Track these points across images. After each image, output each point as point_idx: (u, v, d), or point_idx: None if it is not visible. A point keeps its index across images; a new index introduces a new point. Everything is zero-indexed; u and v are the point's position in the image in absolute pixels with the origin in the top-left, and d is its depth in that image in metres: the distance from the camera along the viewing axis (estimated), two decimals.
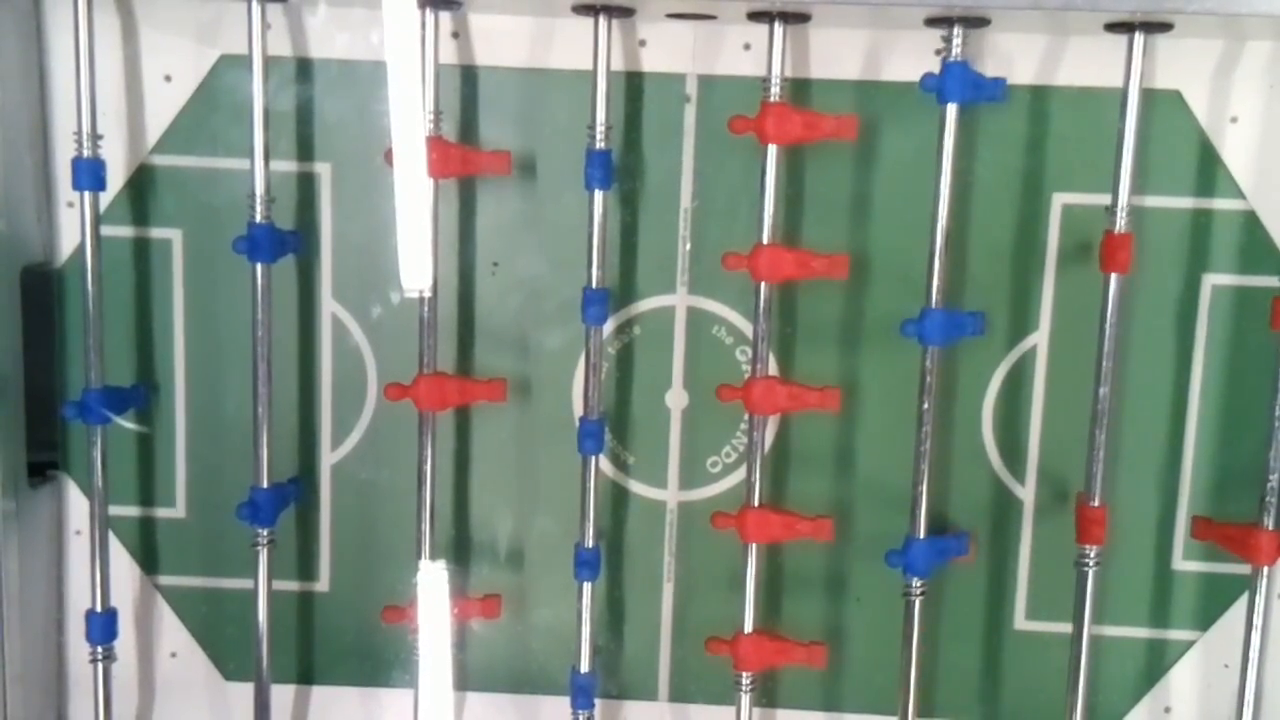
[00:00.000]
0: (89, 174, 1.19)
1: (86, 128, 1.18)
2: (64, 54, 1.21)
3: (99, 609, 1.25)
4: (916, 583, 1.20)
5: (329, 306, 1.29)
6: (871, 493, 1.29)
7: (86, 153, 1.18)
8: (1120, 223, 1.15)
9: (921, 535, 1.20)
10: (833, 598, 1.31)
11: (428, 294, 1.20)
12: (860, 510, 1.29)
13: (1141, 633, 1.30)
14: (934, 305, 1.15)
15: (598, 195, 1.18)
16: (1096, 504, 1.20)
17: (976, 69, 1.20)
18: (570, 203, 1.23)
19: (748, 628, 1.23)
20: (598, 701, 1.28)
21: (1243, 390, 1.25)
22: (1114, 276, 1.16)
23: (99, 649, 1.26)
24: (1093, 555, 1.20)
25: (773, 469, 1.28)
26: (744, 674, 1.24)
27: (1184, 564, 1.29)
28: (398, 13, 1.12)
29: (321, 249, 1.28)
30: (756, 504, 1.22)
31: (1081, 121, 1.22)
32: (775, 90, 1.15)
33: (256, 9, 1.16)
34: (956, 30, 1.12)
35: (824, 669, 1.25)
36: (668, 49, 1.23)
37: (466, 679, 1.33)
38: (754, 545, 1.22)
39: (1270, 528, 1.18)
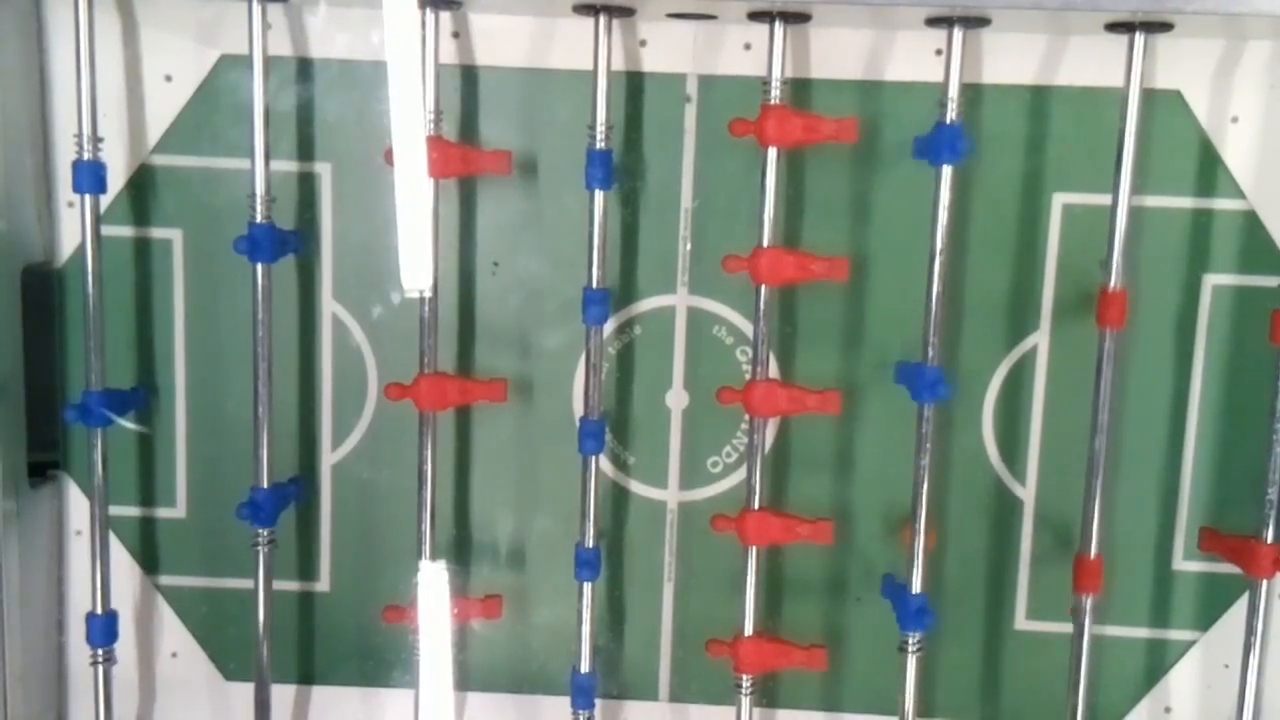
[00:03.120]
0: (89, 177, 1.19)
1: (87, 130, 1.18)
2: (64, 54, 1.21)
3: (99, 611, 1.25)
4: (914, 637, 1.21)
5: (329, 306, 1.29)
6: (871, 492, 1.29)
7: (87, 155, 1.18)
8: (1114, 280, 1.16)
9: (916, 588, 1.20)
10: (833, 598, 1.31)
11: (428, 294, 1.20)
12: (860, 510, 1.29)
13: (1141, 633, 1.30)
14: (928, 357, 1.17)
15: (598, 195, 1.18)
16: (1094, 555, 1.20)
17: (976, 69, 1.21)
18: (570, 203, 1.23)
19: (748, 630, 1.23)
20: (598, 702, 1.28)
21: (1243, 390, 1.25)
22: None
23: (99, 652, 1.26)
24: (1088, 606, 1.21)
25: (773, 470, 1.28)
26: (744, 676, 1.24)
27: (1184, 564, 1.29)
28: (398, 13, 1.12)
29: (322, 249, 1.28)
30: (756, 507, 1.22)
31: (1081, 121, 1.22)
32: (775, 93, 1.15)
33: (257, 9, 1.16)
34: (956, 30, 1.13)
35: (824, 671, 1.25)
36: (668, 49, 1.23)
37: (467, 679, 1.33)
38: (754, 548, 1.22)
39: (1270, 541, 1.18)
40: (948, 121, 1.14)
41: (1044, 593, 1.29)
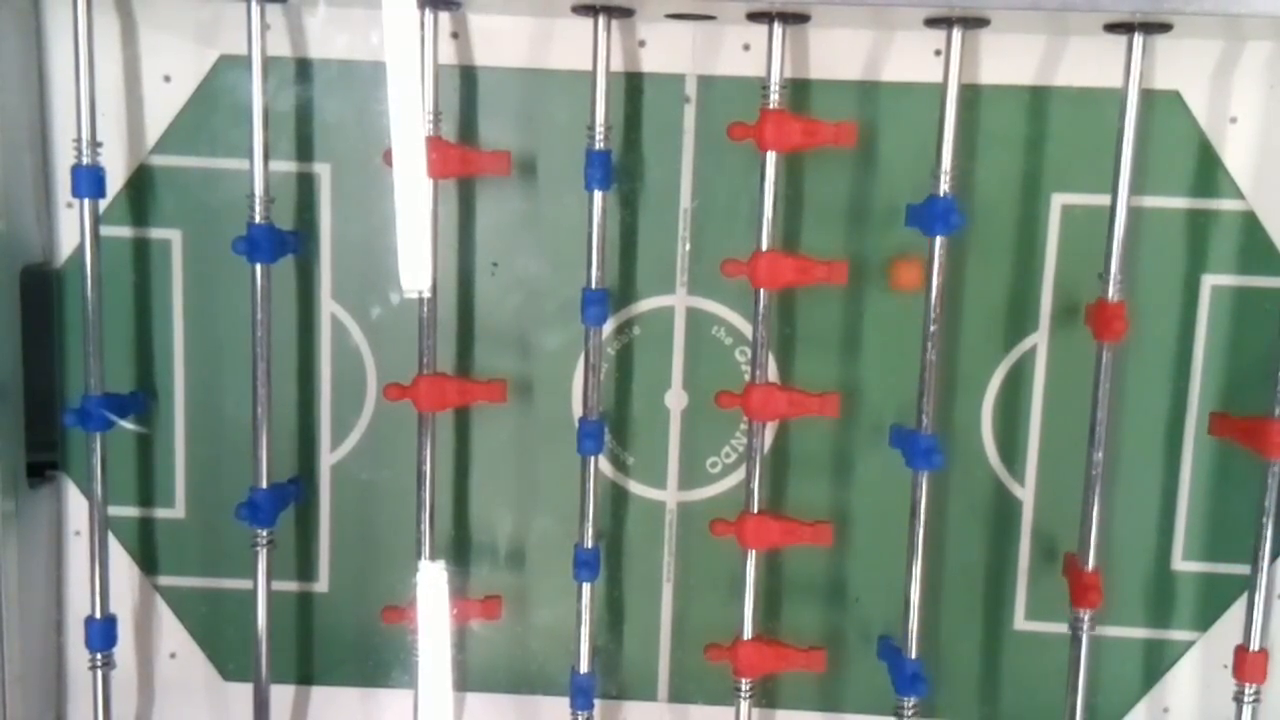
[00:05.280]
0: (88, 181, 1.19)
1: (86, 135, 1.18)
2: (64, 54, 1.21)
3: (98, 615, 1.25)
4: (909, 701, 1.21)
5: (329, 307, 1.29)
6: (871, 492, 1.28)
7: (86, 160, 1.18)
8: (1113, 291, 1.16)
9: (913, 654, 1.20)
10: (832, 598, 1.31)
11: (427, 294, 1.20)
12: (860, 510, 1.29)
13: (1141, 633, 1.30)
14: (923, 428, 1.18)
15: (597, 195, 1.18)
16: (1091, 568, 1.20)
17: (975, 69, 1.21)
18: (570, 203, 1.23)
19: (747, 634, 1.23)
20: (597, 702, 1.28)
21: (1243, 390, 1.25)
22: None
23: (98, 656, 1.26)
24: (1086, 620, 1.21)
25: (772, 471, 1.28)
26: (743, 680, 1.24)
27: (1184, 564, 1.29)
28: (398, 13, 1.12)
29: (321, 249, 1.28)
30: (755, 510, 1.22)
31: (1081, 121, 1.22)
32: (774, 97, 1.15)
33: (256, 9, 1.16)
34: (955, 31, 1.13)
35: (823, 673, 1.25)
36: (667, 49, 1.23)
37: (466, 679, 1.33)
38: (753, 551, 1.22)
39: None
40: (940, 194, 1.14)
41: (1043, 593, 1.29)
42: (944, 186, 1.14)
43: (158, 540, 1.33)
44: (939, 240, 1.15)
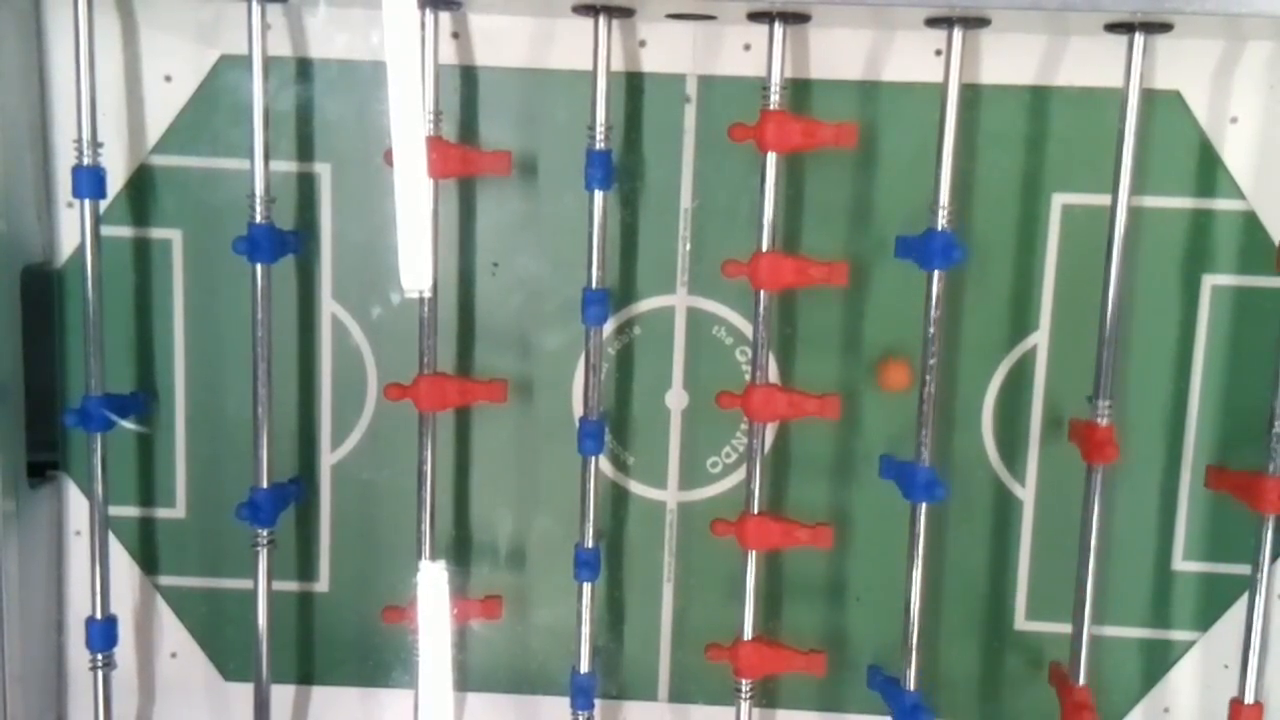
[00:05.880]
0: (89, 182, 1.19)
1: (86, 135, 1.18)
2: (64, 54, 1.21)
3: (99, 615, 1.25)
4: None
5: (329, 306, 1.29)
6: (871, 491, 1.28)
7: (87, 160, 1.18)
8: (1102, 415, 1.16)
9: (911, 685, 1.20)
10: (832, 598, 1.31)
11: (428, 294, 1.20)
12: (860, 510, 1.29)
13: (1141, 633, 1.30)
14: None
15: (598, 195, 1.18)
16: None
17: (976, 69, 1.21)
18: (570, 203, 1.23)
19: (747, 634, 1.23)
20: (597, 702, 1.28)
21: (1243, 390, 1.25)
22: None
23: (99, 656, 1.26)
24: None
25: (772, 471, 1.28)
26: (743, 681, 1.24)
27: (1184, 564, 1.29)
28: (398, 13, 1.12)
29: (321, 249, 1.28)
30: (756, 511, 1.22)
31: (1081, 121, 1.22)
32: (775, 98, 1.15)
33: (256, 9, 1.16)
34: (956, 31, 1.13)
35: (824, 675, 1.25)
36: (668, 49, 1.23)
37: (466, 679, 1.33)
38: (753, 552, 1.22)
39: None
40: (939, 228, 1.14)
41: (1043, 593, 1.29)
42: (942, 221, 1.14)
43: (158, 540, 1.33)
44: (936, 276, 1.15)
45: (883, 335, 1.26)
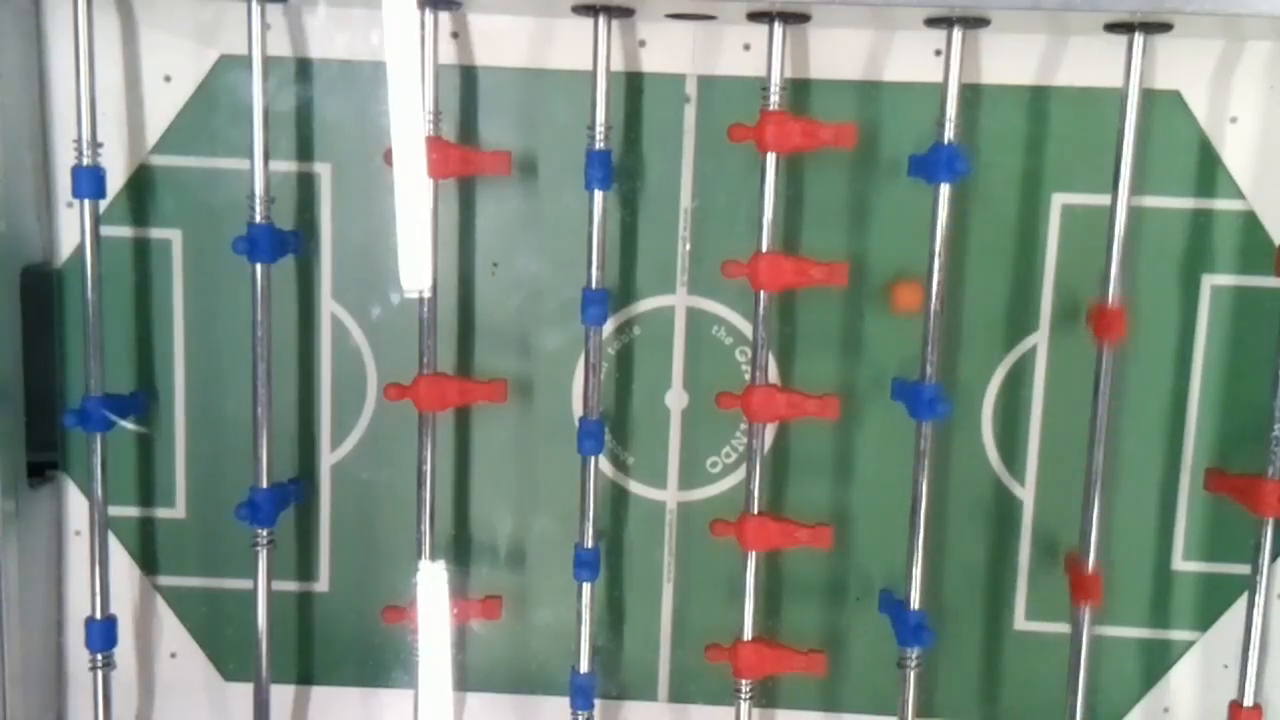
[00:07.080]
0: (89, 182, 1.19)
1: (86, 135, 1.18)
2: (64, 54, 1.21)
3: (98, 615, 1.25)
4: (913, 652, 1.21)
5: (329, 306, 1.29)
6: (871, 492, 1.29)
7: (86, 160, 1.18)
8: (1112, 296, 1.16)
9: (915, 605, 1.20)
10: (832, 598, 1.31)
11: (427, 294, 1.20)
12: (860, 510, 1.29)
13: (1141, 633, 1.30)
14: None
15: (597, 195, 1.18)
16: (1091, 568, 1.20)
17: (976, 69, 1.21)
18: (570, 203, 1.23)
19: (747, 635, 1.23)
20: (597, 702, 1.28)
21: (1243, 390, 1.25)
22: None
23: (98, 656, 1.26)
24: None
25: (772, 471, 1.28)
26: (743, 681, 1.24)
27: (1184, 564, 1.29)
28: (398, 13, 1.12)
29: (321, 249, 1.28)
30: (755, 511, 1.22)
31: (1081, 121, 1.22)
32: (775, 98, 1.15)
33: (256, 9, 1.16)
34: (956, 31, 1.13)
35: (824, 676, 1.25)
36: (668, 49, 1.23)
37: (466, 679, 1.33)
38: (753, 552, 1.22)
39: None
40: (945, 141, 1.14)
41: (1043, 593, 1.29)
42: (949, 134, 1.14)
43: (158, 540, 1.33)
44: (944, 190, 1.14)
45: (884, 336, 1.26)
